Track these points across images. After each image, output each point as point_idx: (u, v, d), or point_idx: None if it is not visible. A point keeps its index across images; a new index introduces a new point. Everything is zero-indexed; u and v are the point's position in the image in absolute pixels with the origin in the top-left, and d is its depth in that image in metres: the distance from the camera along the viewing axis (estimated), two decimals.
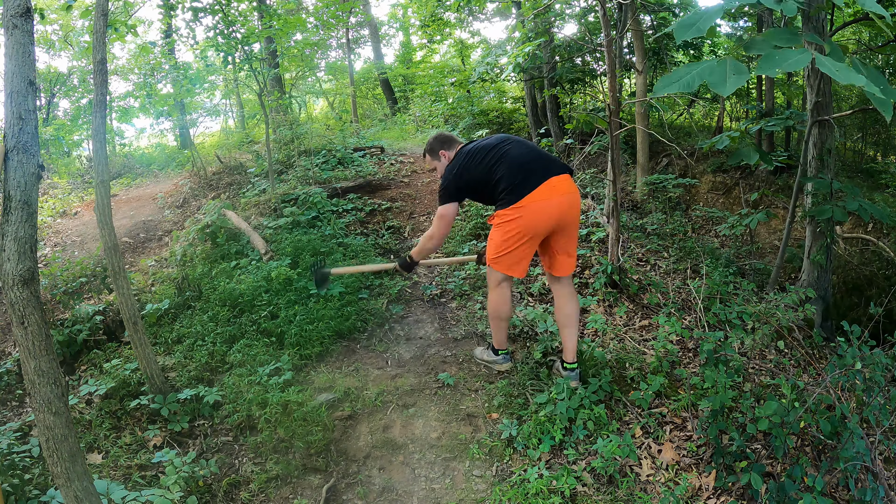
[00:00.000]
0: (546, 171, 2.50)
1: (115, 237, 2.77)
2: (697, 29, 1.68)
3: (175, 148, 10.50)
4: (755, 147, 3.35)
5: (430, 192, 5.75)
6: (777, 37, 1.73)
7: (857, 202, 3.32)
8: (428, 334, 3.58)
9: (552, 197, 2.49)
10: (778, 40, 1.72)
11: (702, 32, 1.68)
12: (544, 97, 8.62)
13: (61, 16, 9.94)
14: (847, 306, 5.06)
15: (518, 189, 2.50)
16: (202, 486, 2.40)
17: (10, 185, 1.62)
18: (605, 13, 3.65)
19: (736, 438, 2.26)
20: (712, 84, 1.61)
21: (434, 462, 2.53)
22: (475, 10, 10.36)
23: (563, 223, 2.58)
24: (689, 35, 1.70)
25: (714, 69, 1.63)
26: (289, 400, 2.80)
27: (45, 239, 5.85)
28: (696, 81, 1.66)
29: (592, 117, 3.97)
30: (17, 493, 2.17)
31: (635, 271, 4.01)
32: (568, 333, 2.76)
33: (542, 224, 2.52)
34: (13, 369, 3.32)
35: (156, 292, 4.12)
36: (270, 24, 5.29)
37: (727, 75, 1.60)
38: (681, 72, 1.70)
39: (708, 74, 1.63)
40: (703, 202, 7.48)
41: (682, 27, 1.71)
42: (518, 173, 2.52)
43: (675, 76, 1.70)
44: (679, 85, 1.67)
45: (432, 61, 14.26)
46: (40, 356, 1.64)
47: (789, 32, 1.75)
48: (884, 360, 2.28)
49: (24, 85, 1.67)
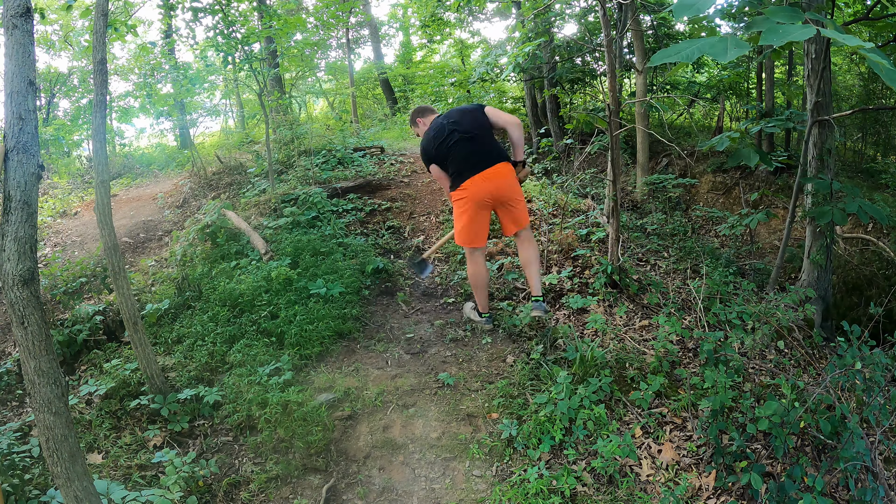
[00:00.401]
0: (481, 164, 3.22)
1: (115, 237, 2.77)
2: (697, 8, 1.67)
3: (175, 148, 10.49)
4: (755, 148, 3.35)
5: (430, 192, 5.75)
6: (779, 13, 1.72)
7: (857, 203, 3.32)
8: (428, 334, 3.58)
9: (484, 182, 3.22)
10: (780, 17, 1.70)
11: (701, 11, 1.67)
12: (544, 97, 8.62)
13: (61, 16, 9.94)
14: (847, 306, 5.06)
15: (463, 176, 3.25)
16: (202, 486, 2.40)
17: (10, 185, 1.62)
18: (605, 13, 3.65)
19: (736, 438, 2.26)
20: (713, 54, 1.59)
21: (434, 462, 2.54)
22: (475, 10, 10.37)
23: (499, 198, 3.27)
24: (689, 13, 1.68)
25: (715, 44, 1.63)
26: (289, 400, 2.80)
27: (45, 239, 5.85)
28: (695, 54, 1.65)
29: (592, 117, 3.97)
30: (17, 493, 2.17)
31: (635, 271, 4.01)
32: (530, 272, 3.35)
33: (480, 198, 3.23)
34: (13, 369, 3.32)
35: (156, 292, 4.12)
36: (270, 24, 5.29)
37: (728, 48, 1.59)
38: (681, 46, 1.68)
39: (709, 48, 1.62)
40: (703, 202, 7.48)
41: (681, 6, 1.70)
42: (462, 165, 3.25)
43: (674, 49, 1.68)
44: (679, 56, 1.66)
45: (432, 61, 14.27)
46: (40, 356, 1.64)
47: (791, 10, 1.74)
48: (884, 360, 2.29)
49: (24, 85, 1.67)
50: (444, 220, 5.19)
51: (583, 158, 6.60)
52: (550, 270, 4.08)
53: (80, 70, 10.53)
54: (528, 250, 3.36)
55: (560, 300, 3.73)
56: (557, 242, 4.29)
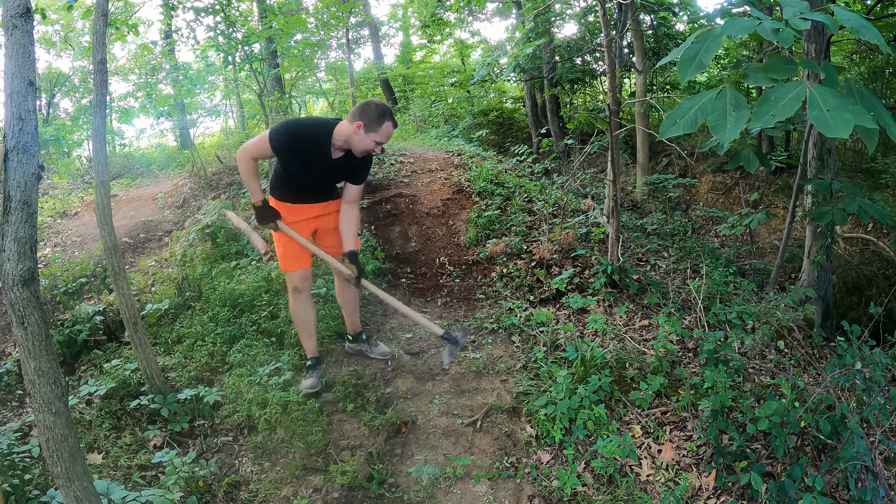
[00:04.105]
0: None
1: (115, 237, 2.77)
2: (699, 63, 1.69)
3: (175, 148, 10.49)
4: (755, 149, 3.35)
5: (430, 192, 5.75)
6: (774, 68, 1.74)
7: (857, 203, 3.32)
8: (427, 334, 3.57)
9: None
10: (775, 72, 1.72)
11: (704, 67, 1.69)
12: (544, 97, 8.62)
13: (62, 16, 9.93)
14: (847, 306, 5.06)
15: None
16: (202, 487, 2.40)
17: (10, 185, 1.62)
18: (605, 13, 3.65)
19: (736, 438, 2.26)
20: (713, 127, 1.64)
21: (434, 462, 2.53)
22: (475, 10, 10.37)
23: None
24: (693, 72, 1.70)
25: (714, 104, 1.66)
26: (289, 400, 2.80)
27: (45, 239, 5.85)
28: (699, 118, 1.69)
29: (592, 117, 3.98)
30: (17, 493, 2.17)
31: (635, 271, 4.01)
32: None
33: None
34: (13, 369, 3.31)
35: (156, 292, 4.12)
36: (271, 24, 5.29)
37: (727, 113, 1.62)
38: (684, 106, 1.72)
39: (710, 111, 1.66)
40: (703, 202, 7.48)
41: (685, 63, 1.71)
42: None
43: (678, 113, 1.72)
44: (683, 124, 1.70)
45: (432, 61, 14.26)
46: (40, 356, 1.64)
47: (785, 61, 1.75)
48: (884, 360, 2.29)
49: (24, 85, 1.67)
50: (444, 221, 5.19)
51: (583, 158, 6.61)
52: (551, 270, 4.08)
53: (81, 70, 10.54)
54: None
55: (560, 300, 3.73)
56: (557, 242, 4.29)
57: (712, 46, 1.69)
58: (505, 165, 6.28)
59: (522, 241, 4.48)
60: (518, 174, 6.01)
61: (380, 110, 2.53)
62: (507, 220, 4.81)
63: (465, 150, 6.81)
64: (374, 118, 2.52)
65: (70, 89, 10.69)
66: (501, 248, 4.45)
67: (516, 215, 4.84)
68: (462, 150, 6.72)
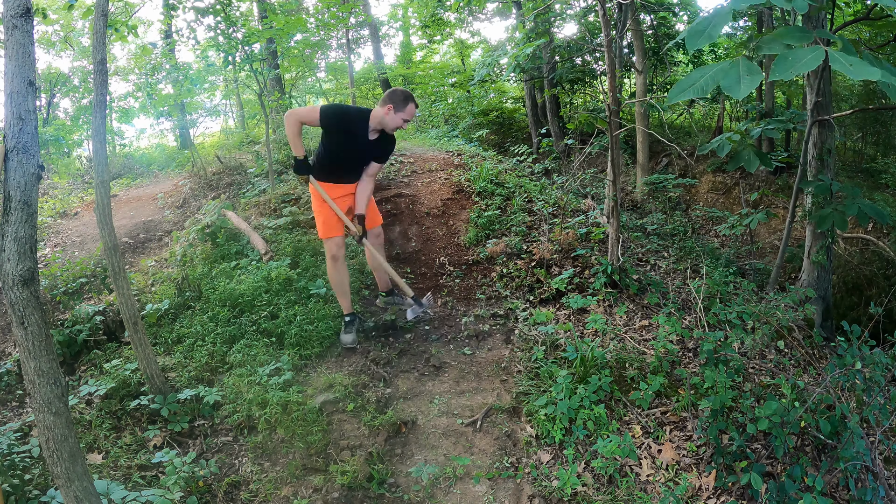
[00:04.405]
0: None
1: (115, 237, 2.77)
2: (708, 35, 1.67)
3: (175, 148, 10.49)
4: (755, 150, 3.35)
5: (430, 192, 5.75)
6: (789, 35, 1.72)
7: (857, 204, 3.32)
8: (428, 334, 3.57)
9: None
10: (790, 38, 1.70)
11: (713, 38, 1.67)
12: (544, 97, 8.62)
13: (62, 16, 9.93)
14: (847, 306, 5.06)
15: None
16: (202, 487, 2.40)
17: (10, 185, 1.62)
18: (605, 13, 3.65)
19: (736, 438, 2.26)
20: (726, 87, 1.59)
21: (434, 462, 2.53)
22: (475, 10, 10.37)
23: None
24: (701, 43, 1.68)
25: (727, 71, 1.62)
26: (289, 400, 2.80)
27: (45, 239, 5.85)
28: (710, 85, 1.65)
29: (592, 117, 3.98)
30: (17, 493, 2.17)
31: (635, 271, 4.01)
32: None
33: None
34: (13, 369, 3.32)
35: (156, 292, 4.12)
36: (271, 24, 5.29)
37: (741, 77, 1.59)
38: (693, 76, 1.68)
39: (722, 77, 1.62)
40: (703, 202, 7.48)
41: (693, 35, 1.70)
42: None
43: (688, 81, 1.69)
44: (693, 90, 1.66)
45: (432, 61, 14.25)
46: (40, 356, 1.64)
47: (800, 30, 1.74)
48: (884, 360, 2.29)
49: (24, 85, 1.67)
50: (444, 221, 5.19)
51: (583, 158, 6.60)
52: (551, 270, 4.08)
53: (81, 70, 10.54)
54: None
55: (560, 300, 3.73)
56: (557, 242, 4.29)
57: (721, 21, 1.68)
58: (505, 165, 6.28)
59: (522, 241, 4.48)
60: (518, 174, 6.02)
61: (404, 95, 3.16)
62: (507, 220, 4.81)
63: (465, 150, 6.81)
64: (400, 101, 3.14)
65: (70, 89, 10.68)
66: (501, 248, 4.45)
67: (516, 215, 4.84)
68: (462, 150, 6.72)
